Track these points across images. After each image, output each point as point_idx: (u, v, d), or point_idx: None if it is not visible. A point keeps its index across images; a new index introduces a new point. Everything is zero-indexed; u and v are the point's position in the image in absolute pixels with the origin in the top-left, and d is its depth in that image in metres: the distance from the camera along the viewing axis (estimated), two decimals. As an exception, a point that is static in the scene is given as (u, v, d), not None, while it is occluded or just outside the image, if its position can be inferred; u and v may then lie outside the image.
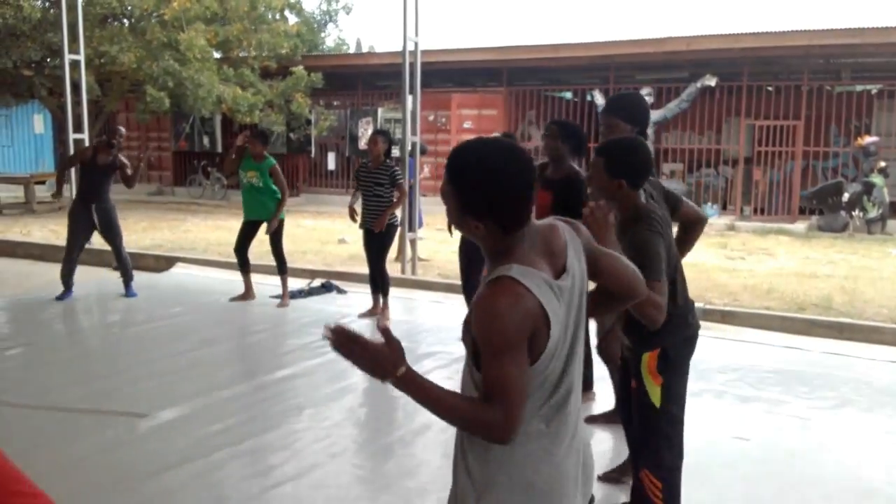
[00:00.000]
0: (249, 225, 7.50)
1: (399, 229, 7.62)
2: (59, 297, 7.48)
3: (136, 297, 7.69)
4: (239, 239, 7.57)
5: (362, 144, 18.53)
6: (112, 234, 7.72)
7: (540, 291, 1.64)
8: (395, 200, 6.79)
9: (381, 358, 1.66)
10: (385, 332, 1.68)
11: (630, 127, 3.40)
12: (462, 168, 1.70)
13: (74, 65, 10.30)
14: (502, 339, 1.59)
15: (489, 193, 1.66)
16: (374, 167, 6.84)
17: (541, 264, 1.70)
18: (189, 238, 11.72)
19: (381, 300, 7.03)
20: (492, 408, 1.60)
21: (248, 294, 7.61)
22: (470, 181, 1.68)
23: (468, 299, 6.19)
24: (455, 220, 1.76)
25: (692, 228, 3.50)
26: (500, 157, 1.68)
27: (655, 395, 2.95)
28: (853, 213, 13.83)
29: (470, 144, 1.74)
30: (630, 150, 2.80)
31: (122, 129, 8.20)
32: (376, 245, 6.93)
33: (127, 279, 7.81)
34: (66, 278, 7.58)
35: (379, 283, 6.99)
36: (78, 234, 7.61)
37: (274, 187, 7.28)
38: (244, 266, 7.60)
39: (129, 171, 7.72)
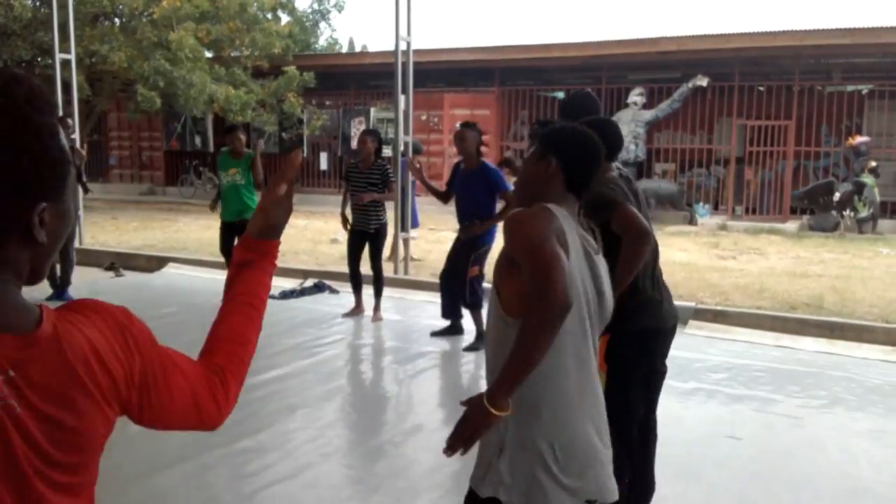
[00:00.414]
0: (230, 226, 7.31)
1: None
2: (51, 297, 7.31)
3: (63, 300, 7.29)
4: (224, 243, 7.43)
5: (354, 144, 18.54)
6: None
7: (564, 221, 1.91)
8: (385, 194, 6.80)
9: (473, 423, 1.82)
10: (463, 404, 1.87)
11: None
12: (571, 135, 2.11)
13: (65, 64, 10.26)
14: (538, 233, 1.83)
15: (585, 154, 2.05)
16: (366, 167, 6.83)
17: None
18: (180, 238, 11.69)
19: (368, 300, 7.03)
20: (538, 302, 1.75)
21: None
22: (573, 143, 2.06)
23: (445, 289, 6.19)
24: (534, 160, 2.08)
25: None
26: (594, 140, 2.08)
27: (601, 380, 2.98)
28: (844, 212, 13.89)
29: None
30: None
31: (70, 121, 7.88)
32: (373, 246, 6.89)
33: (62, 282, 7.33)
34: (49, 279, 7.30)
35: (374, 283, 6.99)
36: None
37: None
38: None
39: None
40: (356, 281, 7.06)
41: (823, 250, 11.37)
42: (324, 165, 19.21)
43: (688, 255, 10.64)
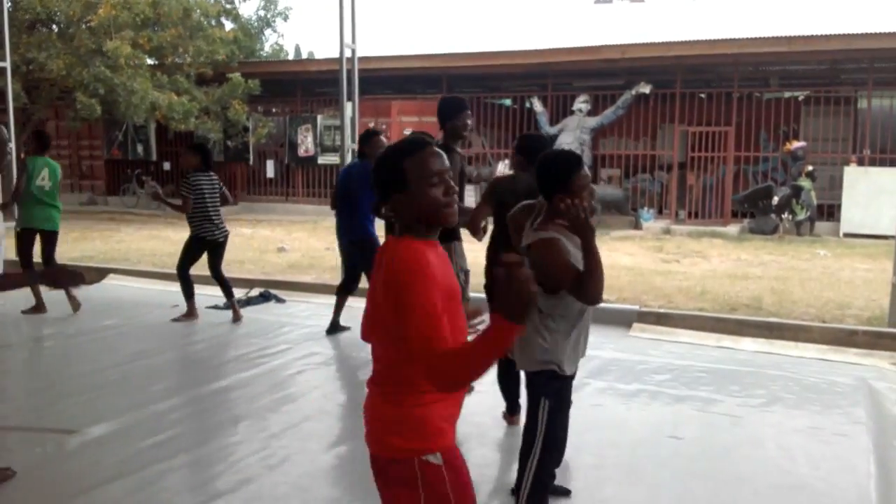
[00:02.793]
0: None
1: None
2: None
3: None
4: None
5: (301, 151, 18.40)
6: None
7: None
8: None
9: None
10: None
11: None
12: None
13: (0, 72, 9.96)
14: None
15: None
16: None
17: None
18: (122, 249, 11.45)
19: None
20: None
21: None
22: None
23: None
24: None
25: None
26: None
27: None
28: (783, 215, 14.27)
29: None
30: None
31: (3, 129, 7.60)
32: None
33: None
34: None
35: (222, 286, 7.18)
36: None
37: None
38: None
39: None
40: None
41: (763, 252, 11.66)
42: (270, 173, 19.03)
43: (632, 258, 10.80)
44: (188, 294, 7.08)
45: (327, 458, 4.14)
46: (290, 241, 12.57)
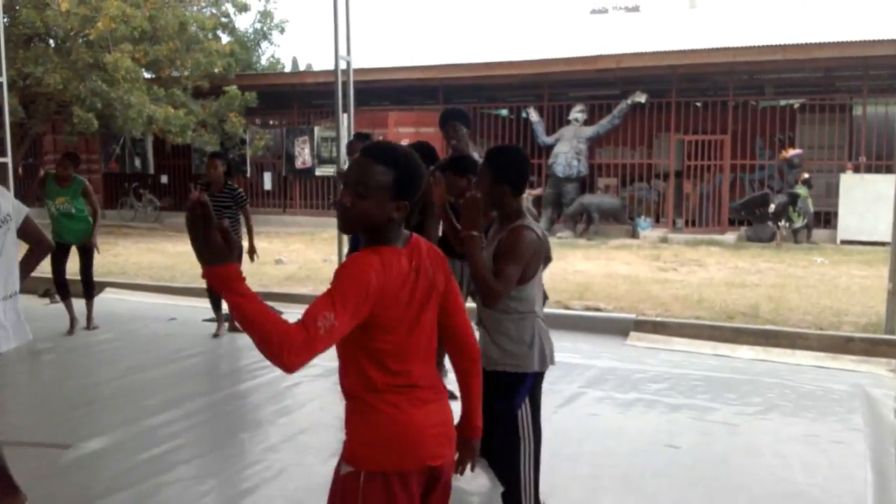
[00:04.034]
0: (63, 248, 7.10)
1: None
2: None
3: None
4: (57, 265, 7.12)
5: (299, 163, 18.44)
6: None
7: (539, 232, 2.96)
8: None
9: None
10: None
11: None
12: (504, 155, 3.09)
13: (-4, 86, 9.97)
14: (520, 252, 2.86)
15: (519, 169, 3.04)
16: (217, 191, 6.86)
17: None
18: (119, 262, 11.45)
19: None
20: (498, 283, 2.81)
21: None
22: (508, 162, 3.02)
23: None
24: (488, 189, 2.95)
25: None
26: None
27: None
28: (780, 223, 14.29)
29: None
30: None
31: None
32: None
33: None
34: None
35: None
36: None
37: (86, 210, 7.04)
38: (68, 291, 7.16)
39: None
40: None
41: (760, 260, 11.67)
42: (268, 185, 19.05)
43: (630, 267, 10.81)
44: (216, 306, 7.06)
45: (324, 470, 4.11)
46: (287, 252, 12.57)
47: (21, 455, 4.23)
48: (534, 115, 16.59)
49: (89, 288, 7.23)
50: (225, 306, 7.14)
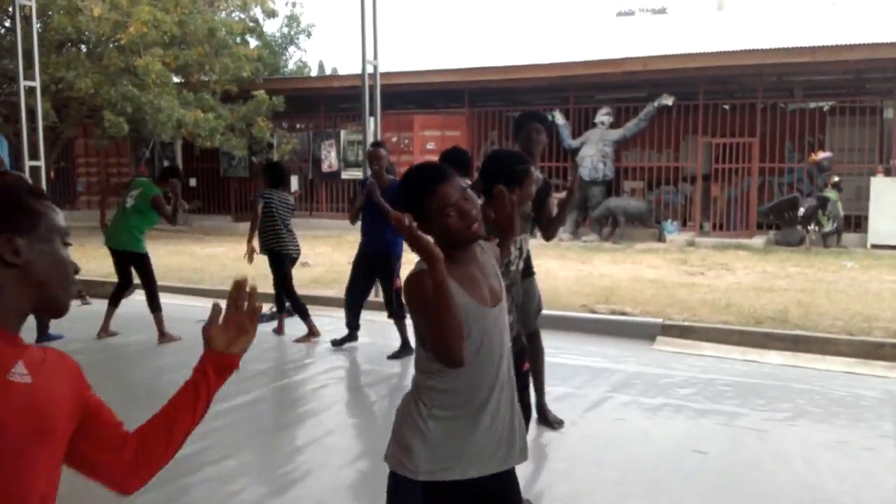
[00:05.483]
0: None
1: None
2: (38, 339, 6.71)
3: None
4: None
5: (325, 167, 18.55)
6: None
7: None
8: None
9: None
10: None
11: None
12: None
13: (30, 91, 10.16)
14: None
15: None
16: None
17: None
18: (149, 264, 11.57)
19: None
20: None
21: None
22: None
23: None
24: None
25: None
26: None
27: None
28: (809, 227, 14.12)
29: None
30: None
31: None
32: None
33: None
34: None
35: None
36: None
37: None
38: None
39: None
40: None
41: (789, 264, 11.54)
42: (294, 188, 19.18)
43: (656, 271, 10.75)
44: (303, 314, 7.15)
45: (350, 472, 4.16)
46: (313, 255, 12.65)
47: (54, 454, 4.30)
48: (559, 118, 16.54)
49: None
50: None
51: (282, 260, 7.18)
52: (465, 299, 1.98)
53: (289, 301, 7.26)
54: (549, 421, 4.67)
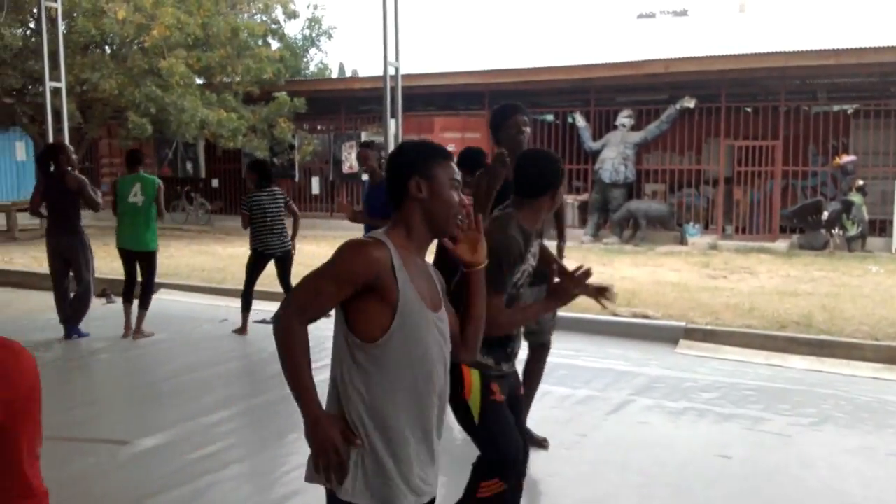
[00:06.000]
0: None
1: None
2: (67, 336, 7.07)
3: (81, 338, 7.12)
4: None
5: (346, 168, 18.61)
6: (76, 267, 7.18)
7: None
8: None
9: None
10: None
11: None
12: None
13: (56, 92, 10.29)
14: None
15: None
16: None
17: None
18: (172, 264, 11.67)
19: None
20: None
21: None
22: None
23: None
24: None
25: None
26: None
27: None
28: (833, 231, 13.98)
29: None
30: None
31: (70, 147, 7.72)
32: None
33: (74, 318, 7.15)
34: (60, 315, 7.16)
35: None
36: (55, 266, 7.21)
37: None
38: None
39: (88, 192, 7.08)
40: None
41: (813, 268, 11.43)
42: (315, 190, 19.27)
43: (678, 274, 10.68)
44: (244, 308, 7.25)
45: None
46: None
47: (80, 450, 4.35)
48: (580, 121, 16.49)
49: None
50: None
51: (282, 260, 7.32)
52: (414, 294, 1.99)
53: (244, 289, 7.31)
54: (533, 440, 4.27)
